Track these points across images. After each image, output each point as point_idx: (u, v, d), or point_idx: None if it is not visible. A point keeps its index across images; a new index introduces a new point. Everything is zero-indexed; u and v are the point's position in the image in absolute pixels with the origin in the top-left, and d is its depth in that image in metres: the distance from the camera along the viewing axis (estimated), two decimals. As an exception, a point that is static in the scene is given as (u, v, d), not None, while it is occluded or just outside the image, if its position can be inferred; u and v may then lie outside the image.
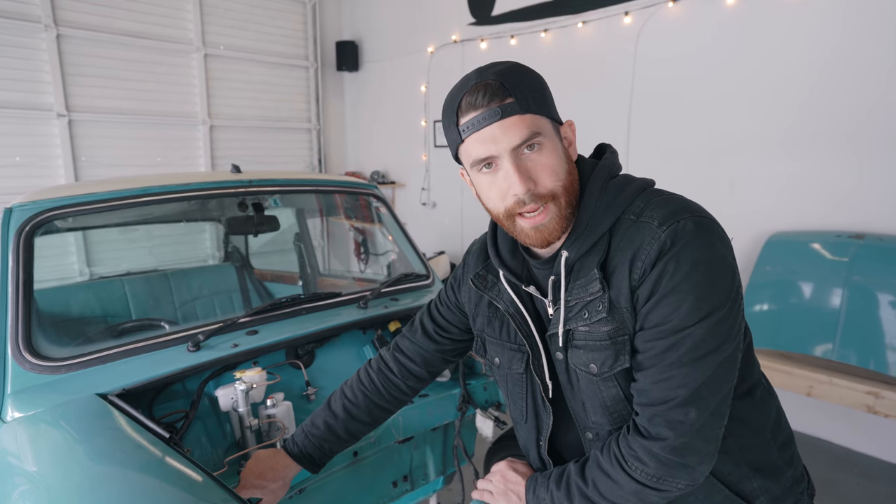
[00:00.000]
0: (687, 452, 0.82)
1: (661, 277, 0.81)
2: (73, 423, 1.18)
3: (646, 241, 0.83)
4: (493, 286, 1.06)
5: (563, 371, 0.97)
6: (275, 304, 1.67)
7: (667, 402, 0.82)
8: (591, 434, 0.98)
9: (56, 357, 1.39)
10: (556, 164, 0.87)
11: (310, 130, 6.14)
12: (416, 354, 1.26)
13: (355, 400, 1.27)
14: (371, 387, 1.27)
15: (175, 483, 0.96)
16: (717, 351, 0.81)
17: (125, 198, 1.67)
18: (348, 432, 1.26)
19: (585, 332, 0.90)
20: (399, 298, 1.94)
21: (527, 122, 0.84)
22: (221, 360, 1.42)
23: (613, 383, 0.90)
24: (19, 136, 4.40)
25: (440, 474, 1.89)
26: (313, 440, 1.25)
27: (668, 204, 0.86)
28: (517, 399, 1.08)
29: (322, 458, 1.26)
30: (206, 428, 1.43)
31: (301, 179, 2.03)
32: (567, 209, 0.88)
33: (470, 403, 1.77)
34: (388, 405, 1.29)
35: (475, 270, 1.10)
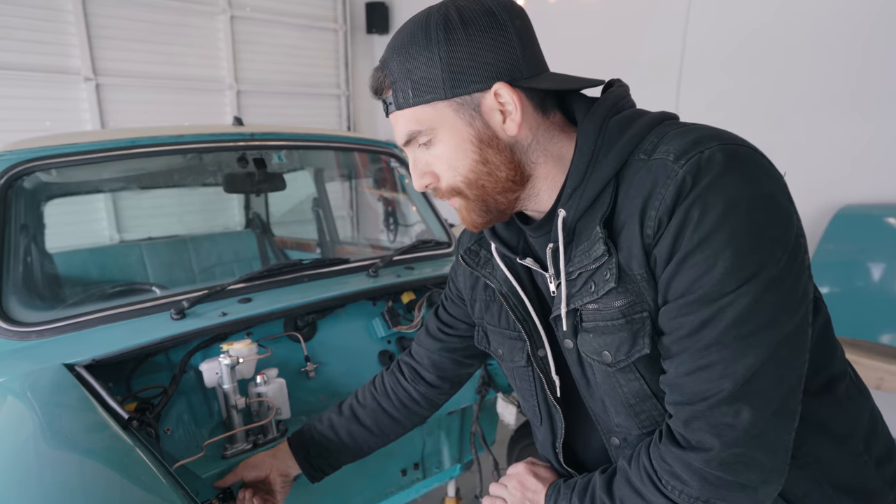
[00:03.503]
0: (742, 467, 0.60)
1: (683, 228, 0.59)
2: (29, 395, 1.03)
3: (659, 183, 0.61)
4: (486, 263, 0.89)
5: (575, 363, 0.77)
6: (271, 269, 1.49)
7: (706, 398, 0.60)
8: (617, 440, 0.78)
9: (27, 322, 1.26)
10: (452, 157, 0.72)
11: (338, 97, 5.95)
12: (423, 357, 1.09)
13: (363, 401, 1.12)
14: (381, 389, 1.13)
15: (120, 474, 0.79)
16: (773, 325, 0.59)
17: (111, 149, 1.51)
18: (351, 436, 1.11)
19: (594, 310, 0.70)
20: (415, 267, 1.73)
21: (405, 119, 0.72)
22: (207, 329, 1.25)
23: (634, 374, 0.70)
24: (48, 99, 4.36)
25: (456, 463, 1.71)
26: (314, 435, 1.12)
27: (688, 133, 0.63)
28: (528, 397, 0.89)
29: (319, 459, 1.12)
30: (190, 405, 1.28)
31: (310, 134, 1.84)
32: (478, 203, 0.74)
33: (491, 386, 1.57)
34: (397, 413, 1.11)
35: (467, 246, 0.93)
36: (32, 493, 0.74)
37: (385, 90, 0.72)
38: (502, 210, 0.75)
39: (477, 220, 0.76)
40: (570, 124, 0.75)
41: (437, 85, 0.68)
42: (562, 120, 0.75)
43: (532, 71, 0.70)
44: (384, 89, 0.72)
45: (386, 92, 0.72)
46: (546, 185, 0.74)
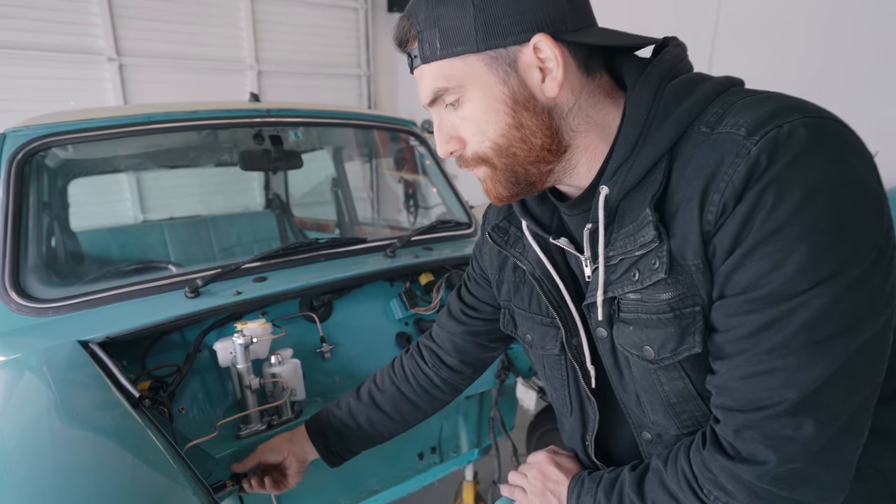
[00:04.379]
0: (798, 483, 0.54)
1: (753, 215, 0.52)
2: (44, 371, 1.02)
3: (726, 162, 0.53)
4: (516, 242, 0.82)
5: (607, 353, 0.71)
6: (287, 248, 1.46)
7: (764, 407, 0.54)
8: (649, 434, 0.72)
9: (44, 298, 1.25)
10: (482, 119, 0.64)
11: (359, 77, 5.89)
12: (445, 340, 1.03)
13: (381, 385, 1.08)
14: (400, 373, 1.08)
15: (129, 454, 0.77)
16: (850, 332, 0.51)
17: (128, 125, 1.49)
18: (370, 422, 1.06)
19: (636, 301, 0.63)
20: (433, 248, 1.69)
21: (432, 74, 0.64)
22: (221, 308, 1.23)
23: (679, 373, 0.63)
24: (72, 80, 4.39)
25: (474, 447, 1.68)
26: (332, 420, 1.08)
27: (763, 103, 0.54)
28: (557, 386, 0.83)
29: (337, 445, 1.08)
30: (205, 384, 1.26)
31: (328, 111, 1.79)
32: (506, 173, 0.67)
33: (510, 371, 1.52)
34: (417, 398, 1.07)
35: (494, 222, 0.86)
36: (44, 468, 0.73)
37: (410, 41, 0.65)
38: (532, 183, 0.68)
39: (502, 193, 0.69)
40: (617, 88, 0.66)
41: (468, 35, 0.60)
42: (608, 83, 0.66)
43: (578, 23, 0.61)
44: (409, 40, 0.65)
45: (411, 44, 0.65)
46: (586, 157, 0.66)
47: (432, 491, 2.29)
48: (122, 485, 0.70)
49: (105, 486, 0.69)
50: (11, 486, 0.71)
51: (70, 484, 0.70)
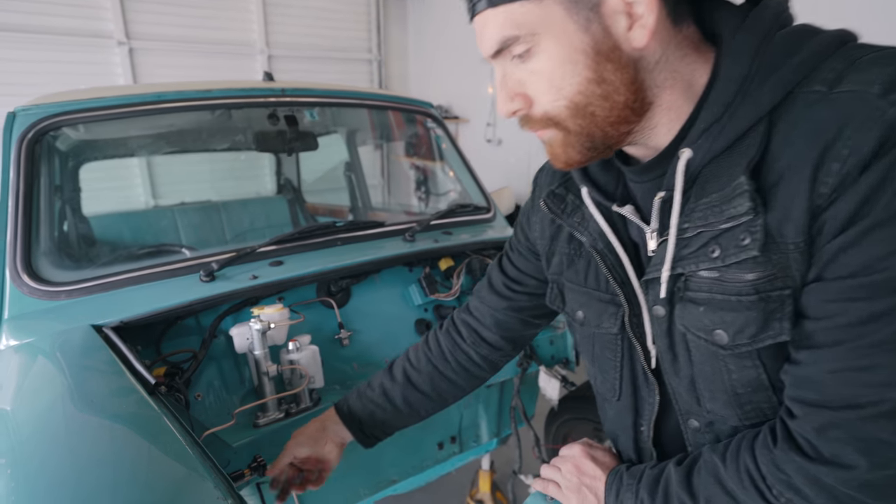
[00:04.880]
0: (890, 492, 0.49)
1: (881, 189, 0.45)
2: (58, 356, 0.99)
3: (851, 124, 0.46)
4: (573, 211, 0.74)
5: (662, 334, 0.65)
6: (303, 231, 1.42)
7: (858, 406, 0.48)
8: (697, 423, 0.67)
9: (57, 281, 1.22)
10: (557, 73, 0.56)
11: (370, 62, 5.81)
12: (485, 315, 0.97)
13: (417, 364, 1.02)
14: (436, 350, 1.01)
15: (146, 442, 0.74)
16: None
17: (139, 104, 1.44)
18: (406, 402, 1.01)
19: (712, 279, 0.57)
20: (452, 232, 1.64)
21: (499, 20, 0.55)
22: (236, 293, 1.19)
23: (753, 362, 0.57)
24: (82, 64, 4.36)
25: (494, 436, 1.64)
26: (366, 403, 1.02)
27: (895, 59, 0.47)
28: (607, 368, 0.77)
29: (373, 427, 1.03)
30: (221, 371, 1.23)
31: (343, 91, 1.74)
32: (581, 137, 0.59)
33: (533, 359, 1.48)
34: (455, 376, 1.01)
35: (549, 188, 0.78)
36: (60, 458, 0.70)
37: None
38: (609, 146, 0.60)
39: (574, 158, 0.61)
40: (705, 42, 0.59)
41: None
42: (696, 34, 0.58)
43: None
44: None
45: None
46: (668, 117, 0.58)
47: (449, 480, 2.27)
48: (140, 476, 0.66)
49: (123, 476, 0.66)
50: (27, 475, 0.68)
51: (86, 475, 0.66)
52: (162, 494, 0.62)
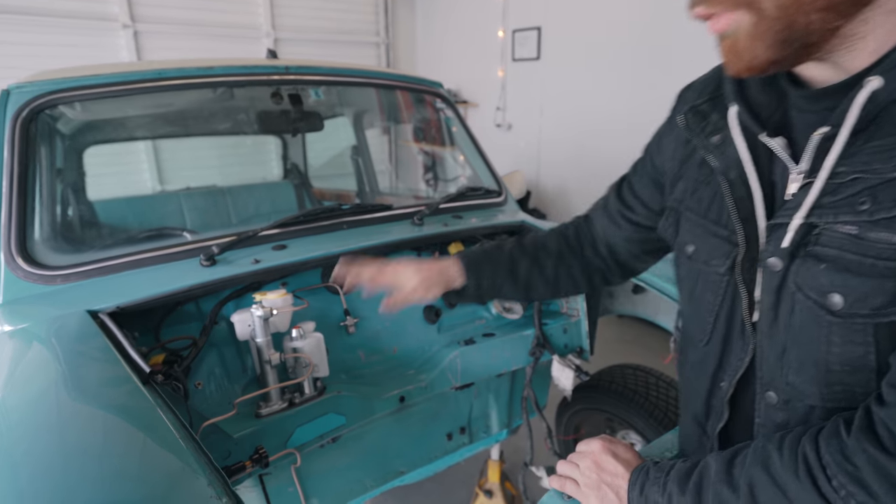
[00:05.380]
0: None
1: None
2: (52, 343, 0.95)
3: None
4: (713, 132, 0.66)
5: (771, 290, 0.58)
6: (307, 214, 1.36)
7: None
8: (775, 396, 0.60)
9: (53, 265, 1.18)
10: None
11: (378, 45, 5.71)
12: (600, 233, 0.94)
13: (549, 246, 0.98)
14: (570, 241, 0.98)
15: (137, 435, 0.69)
16: None
17: (138, 81, 1.39)
18: (527, 276, 0.97)
19: (848, 236, 0.50)
20: (463, 216, 1.58)
21: None
22: (238, 277, 1.14)
23: (865, 338, 0.50)
24: (86, 47, 4.30)
25: (504, 427, 1.60)
26: (491, 259, 0.98)
27: None
28: (703, 310, 0.69)
29: (488, 282, 0.97)
30: (222, 359, 1.18)
31: (350, 69, 1.67)
32: (776, 24, 0.47)
33: (545, 348, 1.42)
34: (578, 274, 0.96)
35: (693, 103, 0.70)
36: (47, 447, 0.66)
37: None
38: (807, 46, 0.49)
39: (759, 57, 0.50)
40: None
41: None
42: None
43: None
44: None
45: None
46: (883, 30, 0.47)
47: (457, 469, 2.23)
48: (128, 470, 0.62)
49: (109, 470, 0.62)
50: (12, 462, 0.64)
51: (72, 466, 0.62)
52: (151, 490, 0.58)
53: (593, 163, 4.19)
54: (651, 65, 3.69)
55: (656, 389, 1.59)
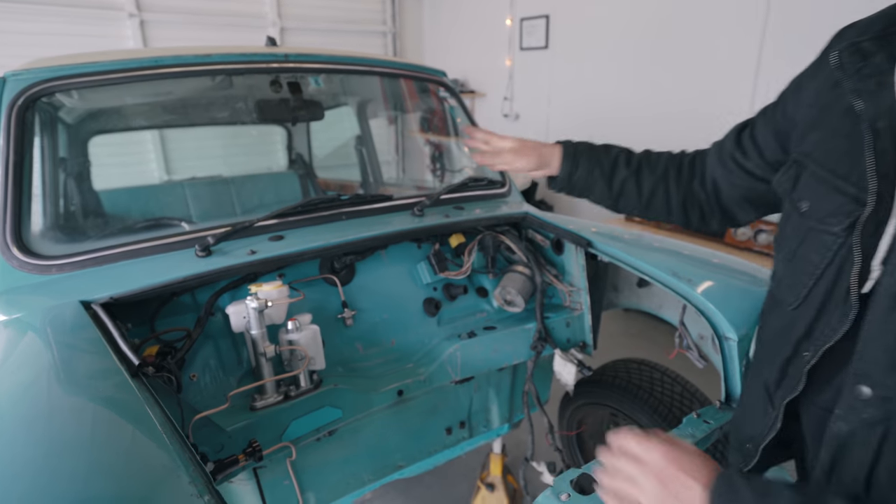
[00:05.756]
0: None
1: None
2: (42, 334, 0.94)
3: None
4: (871, 73, 0.60)
5: (892, 271, 0.53)
6: (305, 204, 1.34)
7: None
8: (868, 391, 0.55)
9: (47, 255, 1.16)
10: None
11: (384, 34, 5.66)
12: (708, 173, 0.93)
13: (654, 165, 1.00)
14: (674, 166, 0.99)
15: (119, 430, 0.68)
16: None
17: (135, 69, 1.36)
18: (621, 186, 0.99)
19: None
20: (465, 207, 1.55)
21: None
22: (233, 268, 1.12)
23: None
24: (92, 37, 4.29)
25: (505, 422, 1.58)
26: (592, 157, 1.01)
27: None
28: (801, 271, 0.65)
29: (579, 177, 1.02)
30: (218, 351, 1.17)
31: (352, 57, 1.64)
32: None
33: (547, 342, 1.40)
34: (674, 200, 0.98)
35: (853, 39, 0.64)
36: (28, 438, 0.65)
37: None
38: None
39: None
40: None
41: None
42: None
43: None
44: None
45: None
46: None
47: (459, 463, 2.22)
48: (108, 464, 0.60)
49: (89, 465, 0.60)
50: None
51: (52, 460, 0.61)
52: (128, 486, 0.56)
53: (601, 154, 4.14)
54: (661, 54, 3.63)
55: (661, 385, 1.56)
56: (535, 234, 1.53)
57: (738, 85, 3.19)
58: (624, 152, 1.00)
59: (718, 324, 1.09)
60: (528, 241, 1.55)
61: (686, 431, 0.96)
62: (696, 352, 1.24)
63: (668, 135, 3.62)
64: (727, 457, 0.85)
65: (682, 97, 3.54)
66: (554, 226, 1.45)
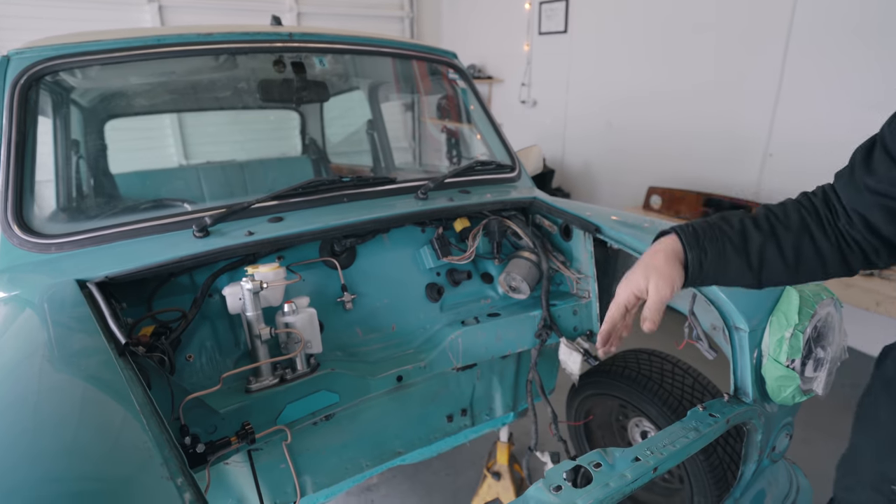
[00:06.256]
0: None
1: None
2: (34, 311, 0.93)
3: None
4: None
5: None
6: (305, 185, 1.31)
7: None
8: None
9: (47, 234, 1.16)
10: None
11: (402, 19, 5.60)
12: (848, 204, 0.77)
13: (786, 219, 0.81)
14: (809, 206, 0.81)
15: (95, 410, 0.66)
16: None
17: (137, 47, 1.35)
18: (761, 257, 0.80)
19: None
20: (471, 191, 1.51)
21: None
22: (229, 249, 1.11)
23: None
24: (111, 23, 4.33)
25: (509, 410, 1.55)
26: (702, 222, 0.83)
27: None
28: None
29: (713, 266, 0.81)
30: (215, 332, 1.16)
31: (357, 37, 1.60)
32: None
33: (553, 330, 1.36)
34: (827, 247, 0.79)
35: None
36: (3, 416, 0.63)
37: None
38: None
39: None
40: None
41: None
42: None
43: None
44: None
45: None
46: None
47: (466, 450, 2.21)
48: (77, 444, 0.58)
49: (57, 445, 0.58)
50: None
51: (21, 440, 0.59)
52: (94, 467, 0.55)
53: (621, 141, 4.04)
54: (684, 38, 3.51)
55: (672, 376, 1.51)
56: (543, 219, 1.49)
57: (763, 70, 3.07)
58: (748, 218, 0.82)
59: (729, 313, 1.04)
60: (536, 226, 1.51)
61: (689, 425, 0.92)
62: (705, 343, 1.19)
63: (692, 123, 3.51)
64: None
65: (704, 82, 3.42)
66: (562, 211, 1.41)
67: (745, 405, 1.03)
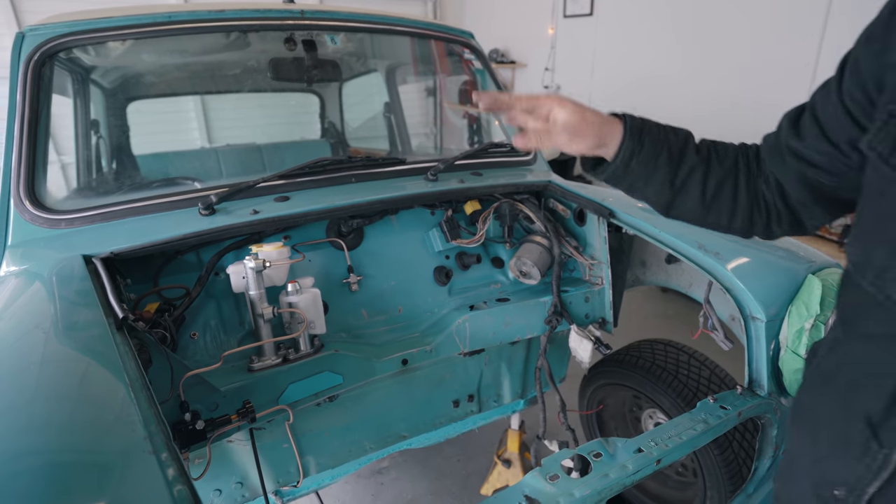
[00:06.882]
0: None
1: None
2: (41, 286, 0.94)
3: None
4: None
5: None
6: (312, 164, 1.30)
7: None
8: None
9: (58, 209, 1.17)
10: None
11: (425, 2, 5.53)
12: (767, 165, 0.76)
13: (722, 156, 0.79)
14: (745, 155, 0.80)
15: (77, 379, 0.66)
16: None
17: (148, 24, 1.35)
18: (685, 181, 0.78)
19: None
20: (483, 174, 1.48)
21: None
22: (234, 227, 1.10)
23: None
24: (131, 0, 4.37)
25: (518, 397, 1.52)
26: (654, 122, 0.80)
27: None
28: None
29: (641, 161, 0.78)
30: (220, 311, 1.16)
31: (371, 15, 1.57)
32: None
33: (564, 317, 1.33)
34: (743, 199, 0.78)
35: None
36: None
37: None
38: None
39: None
40: None
41: None
42: None
43: None
44: None
45: None
46: None
47: (477, 437, 2.19)
48: (61, 417, 0.58)
49: (40, 418, 0.58)
50: None
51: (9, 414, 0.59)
52: (74, 439, 0.54)
53: (646, 127, 3.93)
54: (714, 22, 3.37)
55: (687, 367, 1.47)
56: (557, 203, 1.45)
57: (800, 49, 2.94)
58: (692, 137, 0.80)
59: (745, 303, 0.99)
60: (549, 210, 1.47)
61: (698, 416, 0.88)
62: (721, 333, 1.15)
63: (724, 106, 3.39)
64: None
65: (738, 62, 3.29)
66: (576, 195, 1.37)
67: (760, 398, 0.98)
